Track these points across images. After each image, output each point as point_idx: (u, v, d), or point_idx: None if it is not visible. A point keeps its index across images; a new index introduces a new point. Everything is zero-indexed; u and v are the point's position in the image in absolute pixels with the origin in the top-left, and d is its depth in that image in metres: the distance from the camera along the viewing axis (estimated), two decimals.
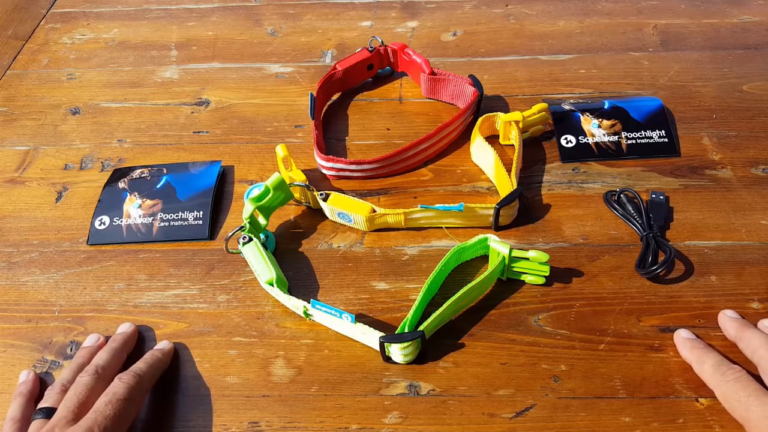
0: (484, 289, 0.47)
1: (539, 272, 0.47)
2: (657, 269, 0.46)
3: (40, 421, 0.40)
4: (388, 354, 0.44)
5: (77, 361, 0.44)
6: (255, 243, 0.48)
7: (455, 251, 0.48)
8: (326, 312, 0.44)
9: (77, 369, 0.44)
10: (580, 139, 0.57)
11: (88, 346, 0.46)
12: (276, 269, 0.48)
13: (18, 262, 0.53)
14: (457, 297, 0.44)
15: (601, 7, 0.72)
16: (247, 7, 0.76)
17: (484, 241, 0.48)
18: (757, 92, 0.61)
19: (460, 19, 0.72)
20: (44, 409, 0.41)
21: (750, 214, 0.51)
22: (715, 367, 0.41)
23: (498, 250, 0.46)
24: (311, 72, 0.67)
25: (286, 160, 0.53)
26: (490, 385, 0.43)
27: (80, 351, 0.46)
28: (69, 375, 0.43)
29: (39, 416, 0.41)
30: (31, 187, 0.58)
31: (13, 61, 0.72)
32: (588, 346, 0.44)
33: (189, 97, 0.65)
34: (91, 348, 0.46)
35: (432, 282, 0.46)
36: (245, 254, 0.49)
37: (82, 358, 0.45)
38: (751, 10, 0.70)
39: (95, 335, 0.47)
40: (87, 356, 0.45)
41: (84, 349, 0.46)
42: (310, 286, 0.49)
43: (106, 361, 0.43)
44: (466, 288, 0.45)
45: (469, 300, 0.46)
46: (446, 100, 0.62)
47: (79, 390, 0.41)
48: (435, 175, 0.56)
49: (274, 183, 0.50)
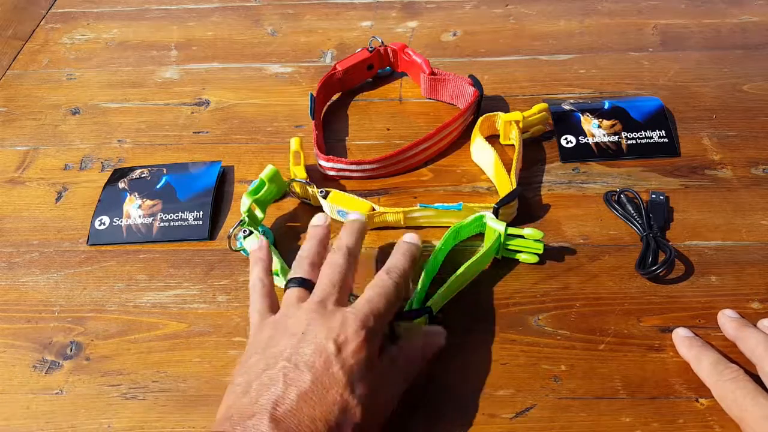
0: (482, 265, 0.48)
1: (533, 249, 0.47)
2: (657, 269, 0.46)
3: (299, 289, 0.40)
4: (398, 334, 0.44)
5: (316, 237, 0.44)
6: (256, 235, 0.49)
7: (453, 230, 0.49)
8: None
9: (318, 245, 0.44)
10: (580, 139, 0.57)
11: (320, 224, 0.46)
12: (279, 259, 0.48)
13: (18, 262, 0.53)
14: (459, 273, 0.45)
15: (602, 7, 0.72)
16: (247, 7, 0.76)
17: (480, 218, 0.49)
18: (757, 92, 0.61)
19: (460, 19, 0.72)
20: (298, 279, 0.41)
21: (750, 214, 0.51)
22: (713, 365, 0.41)
23: (494, 228, 0.47)
24: (311, 72, 0.67)
25: (296, 154, 0.53)
26: (490, 385, 0.43)
27: (315, 229, 0.45)
28: (311, 249, 0.43)
29: (293, 284, 0.40)
30: (31, 187, 0.58)
31: (13, 61, 0.72)
32: (588, 346, 0.44)
33: (189, 98, 0.65)
34: (324, 227, 0.45)
35: (433, 261, 0.47)
36: (248, 248, 0.49)
37: (319, 234, 0.45)
38: (751, 10, 0.70)
39: (322, 214, 0.47)
40: (323, 232, 0.45)
41: (318, 228, 0.45)
42: None
43: (354, 244, 0.43)
44: (466, 264, 0.46)
45: (470, 276, 0.47)
46: (446, 100, 0.62)
47: (338, 267, 0.41)
48: (435, 175, 0.56)
49: (268, 175, 0.51)
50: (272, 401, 0.34)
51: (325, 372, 0.35)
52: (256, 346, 0.38)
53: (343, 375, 0.35)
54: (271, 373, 0.35)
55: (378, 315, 0.38)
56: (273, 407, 0.34)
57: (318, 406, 0.34)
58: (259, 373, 0.36)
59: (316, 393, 0.34)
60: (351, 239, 0.43)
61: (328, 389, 0.35)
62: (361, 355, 0.36)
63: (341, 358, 0.36)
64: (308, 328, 0.37)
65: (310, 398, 0.34)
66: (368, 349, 0.37)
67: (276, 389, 0.35)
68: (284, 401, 0.34)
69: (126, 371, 0.45)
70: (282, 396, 0.34)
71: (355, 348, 0.36)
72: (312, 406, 0.34)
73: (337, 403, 0.35)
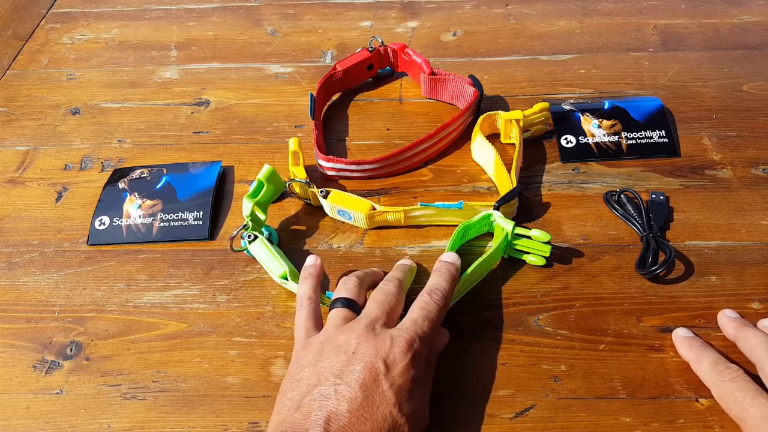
0: (491, 264, 0.48)
1: (540, 252, 0.47)
2: (657, 269, 0.46)
3: (345, 310, 0.41)
4: None
5: (365, 272, 0.46)
6: (261, 240, 0.48)
7: (461, 228, 0.49)
8: None
9: (366, 275, 0.46)
10: (580, 139, 0.57)
11: (371, 271, 0.47)
12: (287, 263, 0.48)
13: (18, 263, 0.53)
14: (468, 272, 0.45)
15: (601, 7, 0.72)
16: (247, 7, 0.76)
17: (488, 217, 0.49)
18: (757, 92, 0.61)
19: (460, 19, 0.72)
20: (344, 300, 0.42)
21: (750, 214, 0.51)
22: (713, 365, 0.41)
23: (502, 227, 0.47)
24: (311, 72, 0.67)
25: (295, 154, 0.53)
26: (490, 385, 0.43)
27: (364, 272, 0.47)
28: (363, 275, 0.45)
29: (339, 305, 0.42)
30: (31, 187, 0.58)
31: (13, 61, 0.72)
32: (588, 346, 0.44)
33: (189, 98, 0.65)
34: (373, 273, 0.47)
35: None
36: (253, 252, 0.49)
37: (371, 275, 0.46)
38: (751, 10, 0.70)
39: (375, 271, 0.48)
40: (372, 277, 0.46)
41: (369, 271, 0.47)
42: None
43: (405, 279, 0.45)
44: (476, 263, 0.46)
45: (479, 275, 0.47)
46: (446, 100, 0.62)
47: (389, 295, 0.42)
48: (435, 175, 0.56)
49: (265, 175, 0.51)
50: (325, 417, 0.35)
51: (375, 390, 0.36)
52: (306, 361, 0.39)
53: (393, 394, 0.37)
54: (323, 389, 0.37)
55: (423, 336, 0.39)
56: (326, 423, 0.35)
57: (369, 423, 0.35)
58: (311, 388, 0.37)
59: (367, 410, 0.36)
60: (402, 275, 0.45)
61: (378, 406, 0.36)
62: (409, 375, 0.38)
63: (390, 377, 0.37)
64: (358, 347, 0.38)
65: (362, 415, 0.35)
66: (415, 369, 0.38)
67: (328, 405, 0.36)
68: (337, 417, 0.35)
69: (126, 371, 0.45)
70: (335, 412, 0.35)
71: (403, 368, 0.38)
72: (363, 423, 0.35)
73: (387, 420, 0.36)
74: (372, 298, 0.42)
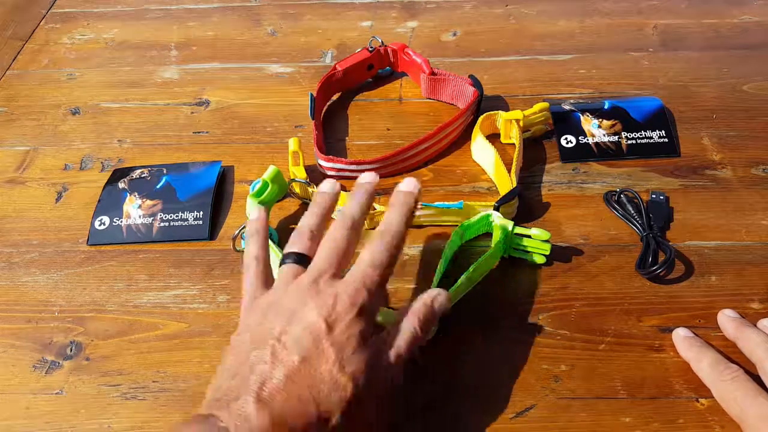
0: (491, 264, 0.48)
1: (540, 250, 0.47)
2: (657, 269, 0.46)
3: (295, 266, 0.39)
4: None
5: (321, 206, 0.42)
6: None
7: (459, 230, 0.49)
8: None
9: (321, 214, 0.42)
10: (580, 139, 0.57)
11: (328, 191, 0.43)
12: None
13: (18, 263, 0.53)
14: (469, 272, 0.45)
15: (601, 7, 0.72)
16: (247, 7, 0.76)
17: (488, 217, 0.49)
18: (757, 92, 0.61)
19: (460, 19, 0.72)
20: (294, 254, 0.39)
21: (750, 214, 0.51)
22: (713, 365, 0.41)
23: (501, 227, 0.47)
24: (311, 72, 0.67)
25: (295, 154, 0.53)
26: (490, 385, 0.43)
27: (321, 196, 0.43)
28: (314, 220, 0.41)
29: (289, 260, 0.39)
30: (31, 187, 0.58)
31: (13, 61, 0.72)
32: (588, 346, 0.44)
33: (189, 98, 0.65)
34: (332, 194, 0.43)
35: (442, 261, 0.47)
36: None
37: (325, 203, 0.42)
38: (751, 10, 0.70)
39: (331, 181, 0.44)
40: (329, 202, 0.43)
41: (325, 195, 0.43)
42: None
43: (359, 214, 0.41)
44: (476, 263, 0.46)
45: (478, 275, 0.47)
46: (446, 101, 0.62)
47: (337, 242, 0.38)
48: (435, 175, 0.56)
49: (270, 176, 0.51)
50: (259, 382, 0.33)
51: (314, 350, 0.34)
52: (247, 325, 0.37)
53: (333, 352, 0.34)
54: (259, 353, 0.35)
55: (371, 287, 0.37)
56: (259, 387, 0.33)
57: (306, 385, 0.33)
58: (248, 352, 0.35)
59: (304, 372, 0.34)
60: (357, 208, 0.41)
61: (317, 367, 0.34)
62: (352, 331, 0.35)
63: (332, 335, 0.35)
64: (299, 306, 0.36)
65: (299, 377, 0.33)
66: (360, 325, 0.35)
67: (263, 369, 0.34)
68: (271, 381, 0.33)
69: (126, 371, 0.45)
70: (269, 376, 0.34)
71: (346, 324, 0.35)
72: (300, 386, 0.33)
73: (326, 381, 0.34)
74: (320, 248, 0.39)
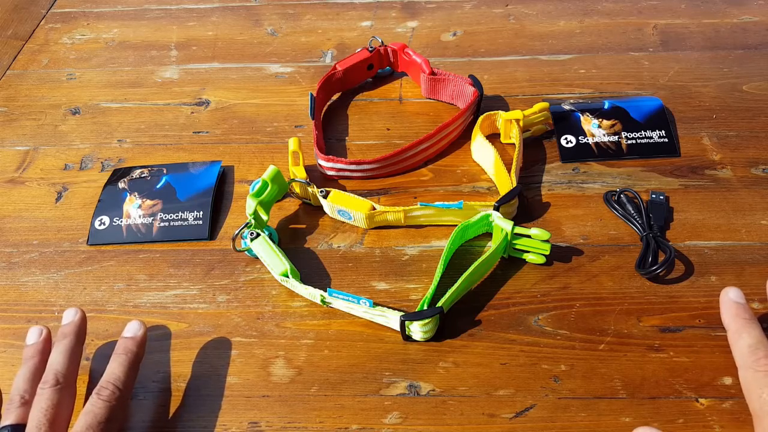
0: (491, 264, 0.48)
1: (540, 250, 0.47)
2: (657, 269, 0.46)
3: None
4: (408, 333, 0.45)
5: (28, 364, 0.40)
6: (263, 238, 0.49)
7: (460, 229, 0.49)
8: (344, 299, 0.45)
9: (31, 374, 0.40)
10: (580, 139, 0.57)
11: (34, 343, 0.42)
12: (288, 261, 0.48)
13: (18, 262, 0.53)
14: (469, 272, 0.45)
15: (601, 7, 0.72)
16: (247, 7, 0.76)
17: (487, 217, 0.49)
18: (757, 92, 0.61)
19: (460, 19, 0.72)
20: (9, 427, 0.37)
21: (750, 214, 0.51)
22: (752, 348, 0.37)
23: (501, 227, 0.47)
24: (311, 72, 0.67)
25: (295, 154, 0.53)
26: (490, 386, 0.43)
27: (27, 350, 0.41)
28: (24, 383, 0.39)
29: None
30: (31, 187, 0.58)
31: (13, 61, 0.72)
32: (588, 346, 0.44)
33: (189, 97, 0.65)
34: (38, 345, 0.42)
35: (442, 261, 0.47)
36: (255, 250, 0.49)
37: (32, 359, 0.41)
38: (751, 10, 0.70)
39: (37, 328, 0.43)
40: (37, 356, 0.41)
41: (30, 348, 0.41)
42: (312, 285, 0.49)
43: (64, 365, 0.39)
44: (476, 263, 0.46)
45: (478, 275, 0.48)
46: (446, 100, 0.62)
47: (44, 407, 0.37)
48: (435, 175, 0.56)
49: (270, 175, 0.51)
50: None
51: None
52: None
53: None
54: None
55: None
56: None
57: None
58: None
59: None
60: (60, 360, 0.39)
61: None
62: None
63: None
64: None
65: None
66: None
67: None
68: None
69: None
70: None
71: None
72: None
73: None
74: (30, 419, 0.37)
